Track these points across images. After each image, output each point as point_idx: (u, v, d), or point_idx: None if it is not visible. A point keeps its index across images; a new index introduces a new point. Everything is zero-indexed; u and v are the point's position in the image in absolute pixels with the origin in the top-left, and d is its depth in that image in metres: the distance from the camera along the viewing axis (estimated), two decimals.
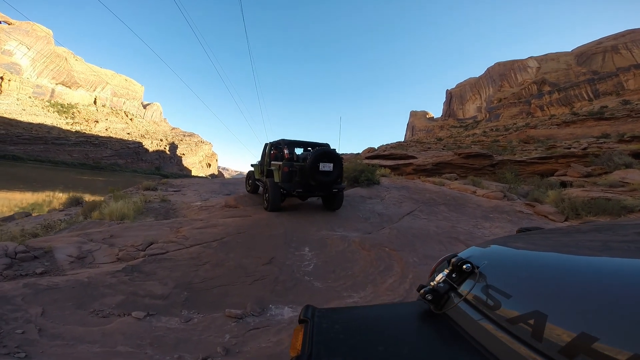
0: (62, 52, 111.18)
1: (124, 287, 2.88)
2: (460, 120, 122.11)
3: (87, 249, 3.52)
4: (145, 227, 4.50)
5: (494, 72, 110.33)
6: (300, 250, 4.06)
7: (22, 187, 22.75)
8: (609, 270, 0.67)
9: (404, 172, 21.13)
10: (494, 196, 11.68)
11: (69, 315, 2.49)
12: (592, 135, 38.82)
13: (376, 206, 8.47)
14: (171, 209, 8.62)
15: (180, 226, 4.59)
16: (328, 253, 4.14)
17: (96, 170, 76.35)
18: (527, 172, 21.54)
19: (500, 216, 9.03)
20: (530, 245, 1.03)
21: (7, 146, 76.27)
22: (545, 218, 8.76)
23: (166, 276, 3.10)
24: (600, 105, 61.45)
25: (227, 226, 4.60)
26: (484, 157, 21.22)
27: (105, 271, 3.06)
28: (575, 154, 21.12)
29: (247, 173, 9.91)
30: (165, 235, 4.13)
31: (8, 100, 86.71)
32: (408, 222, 7.00)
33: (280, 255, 3.77)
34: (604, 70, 75.79)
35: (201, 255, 3.53)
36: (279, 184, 6.14)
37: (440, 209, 9.53)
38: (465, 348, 0.69)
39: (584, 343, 0.50)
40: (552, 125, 54.96)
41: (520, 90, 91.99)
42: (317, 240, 4.52)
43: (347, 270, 3.83)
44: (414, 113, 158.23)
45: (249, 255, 3.67)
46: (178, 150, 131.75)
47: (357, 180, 11.20)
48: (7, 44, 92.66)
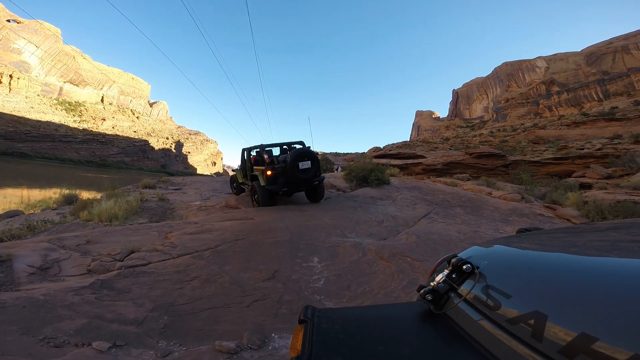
0: (70, 50, 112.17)
1: (88, 308, 2.29)
2: (466, 120, 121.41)
3: (54, 257, 2.94)
4: (130, 232, 3.92)
5: (502, 72, 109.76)
6: (308, 260, 3.43)
7: (28, 184, 22.53)
8: (609, 270, 0.67)
9: (412, 171, 20.42)
10: (511, 198, 11.13)
11: (11, 342, 1.92)
12: (604, 136, 38.37)
13: (388, 208, 7.82)
14: (169, 209, 8.08)
15: (170, 230, 3.99)
16: (340, 264, 3.50)
17: (102, 168, 76.70)
18: (541, 173, 20.76)
19: (520, 219, 8.44)
20: (530, 245, 1.02)
21: (15, 143, 76.93)
22: (568, 222, 8.23)
23: (143, 295, 2.50)
24: (610, 106, 60.55)
25: (224, 231, 3.98)
26: (496, 157, 20.41)
27: (68, 287, 2.47)
28: (593, 154, 20.23)
29: (230, 177, 10.75)
30: (151, 241, 3.53)
31: (17, 98, 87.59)
32: (426, 226, 6.35)
33: (285, 268, 3.14)
34: (614, 70, 74.64)
35: (190, 268, 2.92)
36: (266, 187, 6.65)
37: (457, 211, 8.92)
38: (465, 348, 0.68)
39: (584, 343, 0.49)
40: (561, 125, 54.67)
41: (528, 91, 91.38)
42: (328, 248, 3.88)
43: (363, 285, 3.20)
44: (420, 113, 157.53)
45: (247, 268, 3.04)
46: (184, 149, 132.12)
47: (366, 179, 10.60)
48: (16, 43, 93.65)
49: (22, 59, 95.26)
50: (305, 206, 6.96)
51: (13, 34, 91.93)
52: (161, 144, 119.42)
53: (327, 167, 18.55)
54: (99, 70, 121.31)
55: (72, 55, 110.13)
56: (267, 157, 7.22)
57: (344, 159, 48.47)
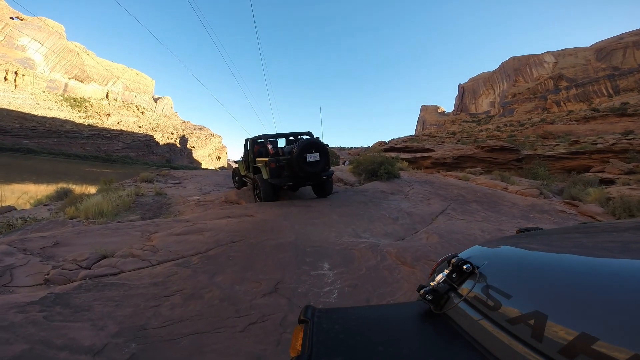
0: (74, 46, 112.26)
1: (32, 331, 1.74)
2: (472, 115, 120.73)
3: (7, 263, 2.39)
4: (109, 231, 3.35)
5: (509, 67, 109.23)
6: (317, 267, 2.83)
7: (35, 179, 22.28)
8: (610, 270, 0.67)
9: (421, 165, 19.72)
10: (529, 193, 10.61)
11: None
12: (615, 131, 37.88)
13: (402, 203, 7.20)
14: (165, 204, 7.54)
15: (155, 230, 3.41)
16: (356, 271, 2.91)
17: (108, 162, 77.03)
18: (556, 167, 19.99)
19: (541, 216, 7.85)
20: (531, 245, 0.99)
21: (21, 139, 77.48)
22: (592, 219, 7.67)
23: (107, 314, 1.93)
24: (621, 101, 60.22)
25: (219, 231, 3.39)
26: (509, 151, 19.57)
27: (13, 301, 1.92)
28: (611, 149, 19.36)
29: (232, 170, 10.01)
30: (131, 244, 2.96)
31: (22, 94, 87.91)
32: (445, 224, 5.72)
33: (289, 278, 2.54)
34: (624, 66, 74.23)
35: (171, 278, 2.34)
36: (269, 181, 6.08)
37: (473, 207, 8.31)
38: (465, 348, 0.68)
39: (584, 343, 0.49)
40: (570, 121, 54.67)
41: (535, 86, 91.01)
42: (340, 251, 3.27)
43: (386, 297, 2.61)
44: (425, 107, 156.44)
45: (244, 279, 2.45)
46: (188, 144, 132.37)
47: (376, 173, 10.00)
48: (20, 40, 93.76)
49: (26, 55, 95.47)
50: (311, 201, 6.37)
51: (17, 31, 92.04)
52: (166, 139, 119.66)
53: (334, 161, 17.93)
54: (103, 66, 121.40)
55: (76, 51, 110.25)
56: (272, 147, 6.58)
57: (348, 153, 47.80)
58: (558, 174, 17.90)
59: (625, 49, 76.49)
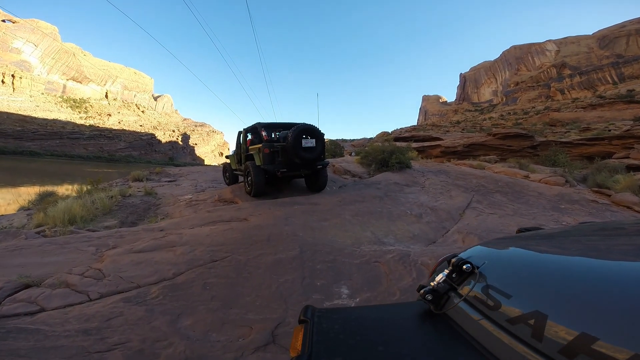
0: (70, 47, 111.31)
1: None
2: (475, 104, 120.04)
3: None
4: (54, 247, 2.52)
5: (510, 56, 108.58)
6: (332, 295, 1.97)
7: (40, 182, 21.71)
8: (610, 270, 0.66)
9: (430, 154, 18.75)
10: (554, 182, 9.76)
11: None
12: (624, 118, 37.19)
13: (420, 196, 6.32)
14: (153, 205, 6.74)
15: (115, 245, 2.57)
16: (387, 296, 2.06)
17: (111, 162, 76.83)
18: (573, 154, 19.00)
19: (573, 207, 7.01)
20: (531, 245, 0.97)
21: (23, 142, 77.28)
22: (628, 210, 6.87)
23: None
24: (626, 88, 59.85)
25: (196, 245, 2.51)
26: (523, 138, 18.50)
27: None
28: (633, 134, 18.25)
29: (222, 166, 9.48)
30: (74, 265, 2.13)
31: (21, 97, 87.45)
32: (477, 221, 4.85)
33: (294, 316, 1.70)
34: (628, 54, 74.03)
35: (111, 323, 1.50)
36: (262, 167, 5.81)
37: (498, 198, 7.48)
38: (465, 348, 0.67)
39: (584, 343, 0.49)
40: (577, 108, 54.37)
41: (538, 74, 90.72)
42: (360, 266, 2.41)
43: None
44: (427, 97, 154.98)
45: (224, 321, 1.60)
46: (190, 141, 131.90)
47: (386, 163, 9.14)
48: (15, 42, 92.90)
49: (22, 58, 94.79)
50: (316, 198, 5.51)
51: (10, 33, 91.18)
52: (168, 136, 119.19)
53: (337, 152, 17.34)
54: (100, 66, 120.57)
55: (72, 52, 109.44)
56: (265, 134, 6.35)
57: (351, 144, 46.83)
58: (576, 161, 16.98)
59: (629, 36, 76.29)
